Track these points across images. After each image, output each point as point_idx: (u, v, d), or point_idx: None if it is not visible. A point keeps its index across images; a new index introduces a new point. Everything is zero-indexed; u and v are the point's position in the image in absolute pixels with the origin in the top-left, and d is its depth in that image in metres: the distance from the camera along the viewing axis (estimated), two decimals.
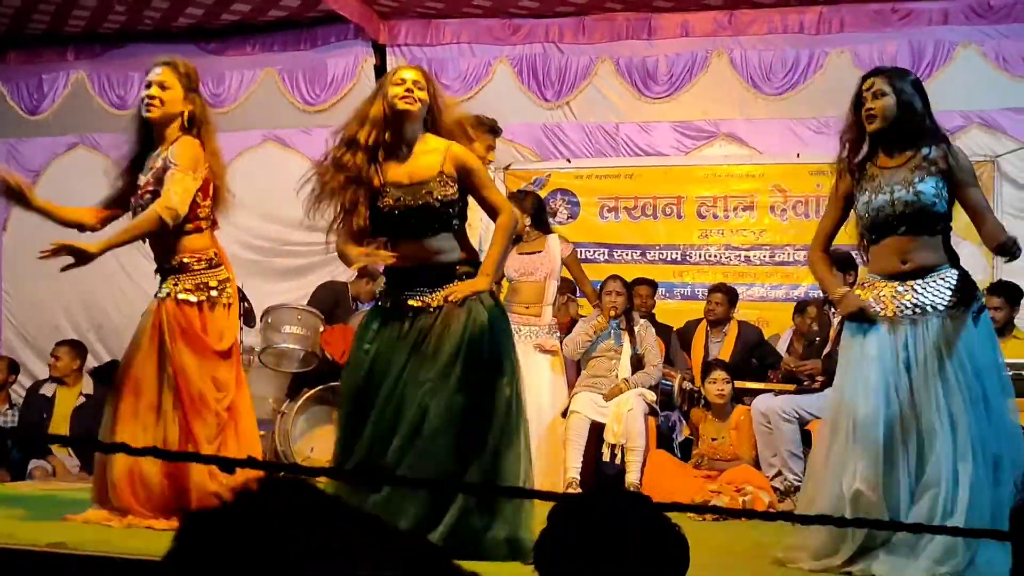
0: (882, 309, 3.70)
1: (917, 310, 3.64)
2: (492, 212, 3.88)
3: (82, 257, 4.00)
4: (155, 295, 4.28)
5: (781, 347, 6.95)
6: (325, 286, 7.59)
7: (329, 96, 8.50)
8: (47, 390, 6.92)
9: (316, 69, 8.56)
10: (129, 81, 8.86)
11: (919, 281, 3.67)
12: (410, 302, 3.75)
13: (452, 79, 8.36)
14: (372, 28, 8.34)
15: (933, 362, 3.59)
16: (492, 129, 5.35)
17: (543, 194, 7.65)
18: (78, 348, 7.11)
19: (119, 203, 4.36)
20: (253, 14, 8.41)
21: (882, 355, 3.66)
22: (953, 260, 3.75)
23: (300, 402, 6.68)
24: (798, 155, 7.45)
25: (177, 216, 4.04)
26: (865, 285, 3.83)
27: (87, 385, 6.94)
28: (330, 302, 7.35)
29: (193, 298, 4.16)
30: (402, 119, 3.72)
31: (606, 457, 6.00)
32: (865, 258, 3.92)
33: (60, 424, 6.73)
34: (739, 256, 7.83)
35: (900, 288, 3.69)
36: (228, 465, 1.21)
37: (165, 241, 4.20)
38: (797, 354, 6.58)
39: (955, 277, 3.68)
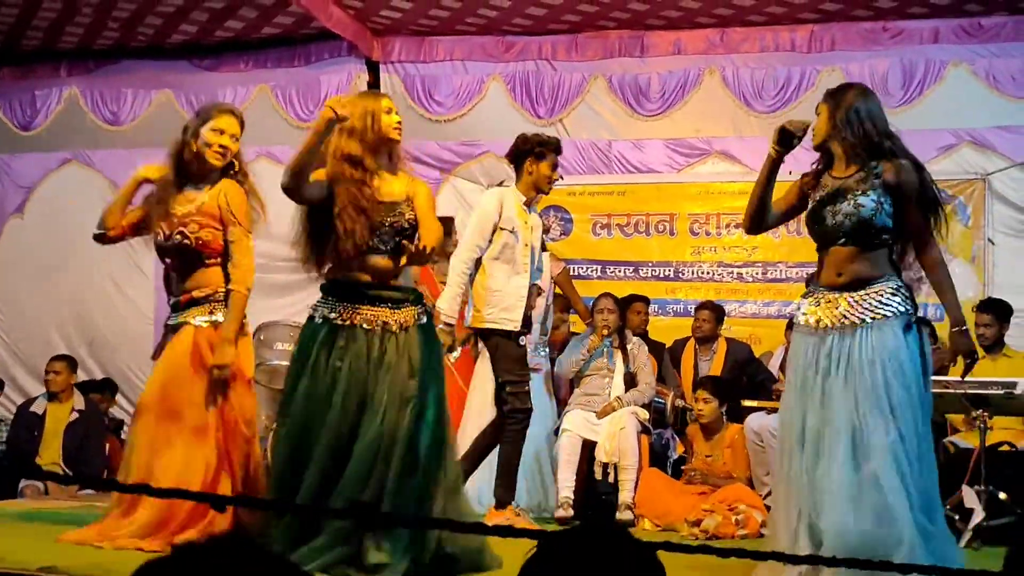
0: (816, 320, 3.76)
1: (845, 321, 3.69)
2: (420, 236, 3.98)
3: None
4: (182, 322, 4.25)
5: (775, 364, 6.96)
6: None
7: None
8: (38, 407, 6.88)
9: (309, 86, 8.57)
10: (122, 97, 8.87)
11: (852, 294, 3.71)
12: (371, 320, 3.84)
13: (445, 96, 8.39)
14: (365, 45, 8.37)
15: (852, 371, 3.62)
16: (556, 149, 5.39)
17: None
18: (72, 363, 7.10)
19: (145, 224, 4.40)
20: (246, 31, 8.43)
21: (806, 363, 3.73)
22: (894, 274, 3.75)
23: None
24: (790, 172, 7.41)
25: (251, 288, 4.24)
26: (809, 295, 3.88)
27: (79, 401, 6.91)
28: None
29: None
30: (387, 146, 3.97)
31: (598, 476, 5.99)
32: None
33: (51, 441, 6.70)
34: (732, 273, 7.86)
35: (835, 299, 3.74)
36: (219, 503, 1.21)
37: (191, 272, 4.27)
38: None
39: (890, 290, 3.68)
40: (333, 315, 3.88)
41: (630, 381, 6.28)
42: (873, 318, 3.64)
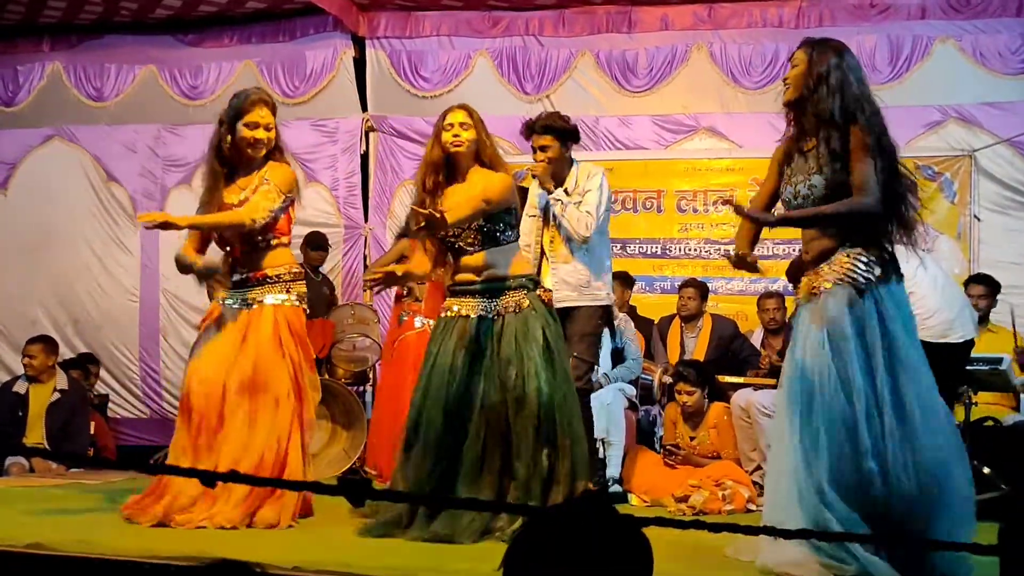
0: (800, 297, 3.82)
1: (812, 295, 3.69)
2: None
3: (170, 227, 4.20)
4: (254, 300, 4.44)
5: (761, 341, 6.98)
6: None
7: (308, 88, 8.47)
8: (20, 387, 6.79)
9: (295, 61, 8.51)
10: (105, 72, 8.79)
11: (817, 268, 3.69)
12: (470, 313, 4.22)
13: (431, 72, 8.34)
14: (351, 20, 8.31)
15: (806, 343, 3.63)
16: (529, 130, 5.55)
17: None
18: (50, 344, 6.98)
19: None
20: (231, 6, 8.35)
21: (793, 340, 3.78)
22: (856, 241, 3.61)
23: None
24: None
25: (256, 224, 4.32)
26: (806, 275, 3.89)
27: (61, 380, 6.84)
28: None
29: (301, 305, 4.52)
30: (455, 158, 4.28)
31: None
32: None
33: (35, 421, 6.63)
34: (719, 250, 7.85)
35: (808, 277, 3.75)
36: (210, 479, 1.20)
37: (255, 253, 4.46)
38: (772, 347, 6.59)
39: (846, 258, 3.60)
40: (445, 310, 4.33)
41: (617, 357, 6.29)
42: (825, 288, 3.62)
